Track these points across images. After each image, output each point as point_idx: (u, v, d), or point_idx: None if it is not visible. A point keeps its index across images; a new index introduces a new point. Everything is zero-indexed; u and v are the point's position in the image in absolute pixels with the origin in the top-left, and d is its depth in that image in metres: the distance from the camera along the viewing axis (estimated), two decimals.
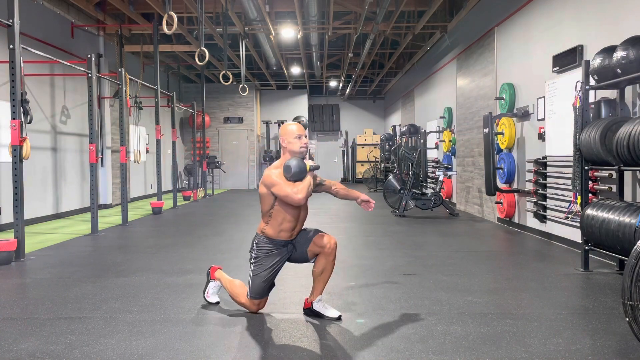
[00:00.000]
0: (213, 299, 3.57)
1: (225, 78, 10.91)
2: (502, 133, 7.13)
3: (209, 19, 10.13)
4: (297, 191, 3.06)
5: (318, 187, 3.38)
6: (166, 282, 4.20)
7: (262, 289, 3.23)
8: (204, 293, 3.59)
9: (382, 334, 2.96)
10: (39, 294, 3.91)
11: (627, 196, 4.51)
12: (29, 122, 5.43)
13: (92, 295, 3.82)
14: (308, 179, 3.11)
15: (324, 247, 3.22)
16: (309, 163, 3.14)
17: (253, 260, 3.25)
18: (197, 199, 12.67)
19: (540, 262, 4.92)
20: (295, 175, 3.08)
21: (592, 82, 4.54)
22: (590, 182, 4.74)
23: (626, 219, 3.84)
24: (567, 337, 2.89)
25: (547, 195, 6.02)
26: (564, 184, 5.58)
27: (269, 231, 3.22)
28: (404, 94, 15.56)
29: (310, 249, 3.24)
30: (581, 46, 5.29)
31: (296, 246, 3.29)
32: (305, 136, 3.25)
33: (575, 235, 5.28)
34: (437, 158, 11.27)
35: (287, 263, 3.37)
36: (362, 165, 18.79)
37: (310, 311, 3.30)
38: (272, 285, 3.30)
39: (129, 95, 8.97)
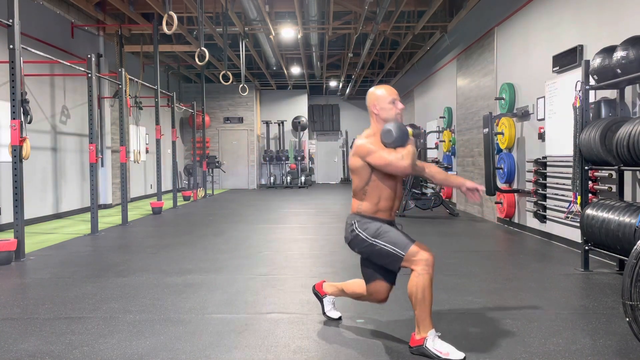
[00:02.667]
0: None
1: (225, 78, 10.91)
2: (502, 133, 7.13)
3: (209, 19, 10.13)
4: (401, 157, 2.57)
5: None
6: (166, 282, 4.20)
7: (400, 236, 2.68)
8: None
9: (382, 334, 2.96)
10: (39, 294, 3.91)
11: (627, 196, 4.51)
12: (29, 122, 5.43)
13: (92, 295, 3.82)
14: (411, 146, 2.64)
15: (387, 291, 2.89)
16: (410, 129, 2.70)
17: (370, 235, 2.69)
18: (197, 199, 12.67)
19: (540, 262, 4.92)
20: (398, 141, 2.60)
21: (592, 82, 4.54)
22: (590, 182, 4.74)
23: (626, 219, 3.84)
24: (567, 337, 2.89)
25: (547, 195, 6.02)
26: (564, 184, 5.58)
27: (366, 210, 2.74)
28: (404, 94, 15.56)
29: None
30: (581, 46, 5.29)
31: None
32: (400, 100, 2.80)
33: (575, 235, 5.28)
34: (437, 158, 11.27)
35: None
36: None
37: (317, 295, 3.22)
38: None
39: (129, 95, 8.97)
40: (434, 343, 2.59)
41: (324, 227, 7.35)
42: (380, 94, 2.78)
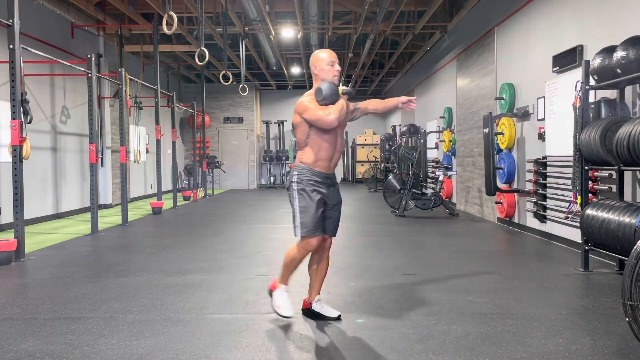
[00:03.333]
0: (287, 312, 3.11)
1: (225, 78, 10.91)
2: (502, 133, 7.13)
3: (209, 19, 10.13)
4: (328, 112, 2.95)
5: (355, 113, 3.27)
6: (166, 282, 4.20)
7: (314, 221, 3.02)
8: (274, 308, 3.19)
9: (382, 334, 2.96)
10: (39, 294, 3.91)
11: (627, 196, 4.51)
12: (29, 122, 5.43)
13: (92, 295, 3.82)
14: (341, 102, 3.01)
15: (321, 243, 3.21)
16: (341, 87, 3.04)
17: (296, 194, 3.05)
18: (197, 199, 12.67)
19: (540, 262, 4.92)
20: (327, 98, 2.97)
21: (592, 82, 4.54)
22: (590, 182, 4.74)
23: (626, 219, 3.84)
24: (567, 337, 2.89)
25: (547, 195, 6.02)
26: (564, 184, 5.58)
27: (307, 159, 3.07)
28: (404, 94, 15.55)
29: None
30: (581, 46, 5.29)
31: (331, 199, 3.14)
32: (339, 63, 3.15)
33: (575, 235, 5.28)
34: (437, 158, 11.27)
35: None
36: (362, 165, 18.79)
37: (309, 312, 3.30)
38: (324, 226, 3.08)
39: (129, 95, 8.97)
40: (279, 294, 3.16)
41: None
42: (321, 57, 3.11)
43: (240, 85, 11.70)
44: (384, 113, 3.32)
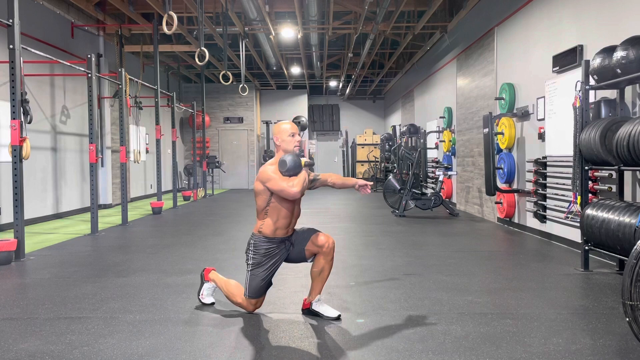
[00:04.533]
0: (208, 300, 3.57)
1: (225, 78, 10.91)
2: (502, 133, 7.13)
3: (209, 19, 10.13)
4: (292, 185, 3.07)
5: (314, 183, 3.39)
6: (166, 282, 4.20)
7: (260, 288, 3.23)
8: (199, 295, 3.59)
9: (382, 334, 2.96)
10: (39, 294, 3.91)
11: (627, 196, 4.51)
12: (29, 122, 5.43)
13: (92, 295, 3.82)
14: (303, 174, 3.14)
15: (322, 247, 3.22)
16: (303, 159, 3.17)
17: (250, 261, 3.23)
18: (197, 199, 12.67)
19: (540, 262, 4.92)
20: (291, 170, 3.11)
21: (592, 82, 4.54)
22: (590, 182, 4.74)
23: (626, 219, 3.84)
24: (567, 337, 2.89)
25: (547, 195, 6.02)
26: (564, 184, 5.58)
27: (266, 230, 3.20)
28: (404, 94, 15.56)
29: (308, 247, 3.25)
30: (581, 46, 5.29)
31: (294, 244, 3.28)
32: (299, 134, 3.30)
33: (575, 235, 5.28)
34: (437, 158, 11.27)
35: (284, 263, 3.36)
36: (362, 165, 18.80)
37: (309, 311, 3.30)
38: (270, 284, 3.29)
39: (129, 95, 8.97)
40: (206, 290, 3.56)
41: (323, 227, 7.36)
42: (284, 128, 3.25)
43: (240, 85, 11.70)
44: (340, 188, 3.49)
